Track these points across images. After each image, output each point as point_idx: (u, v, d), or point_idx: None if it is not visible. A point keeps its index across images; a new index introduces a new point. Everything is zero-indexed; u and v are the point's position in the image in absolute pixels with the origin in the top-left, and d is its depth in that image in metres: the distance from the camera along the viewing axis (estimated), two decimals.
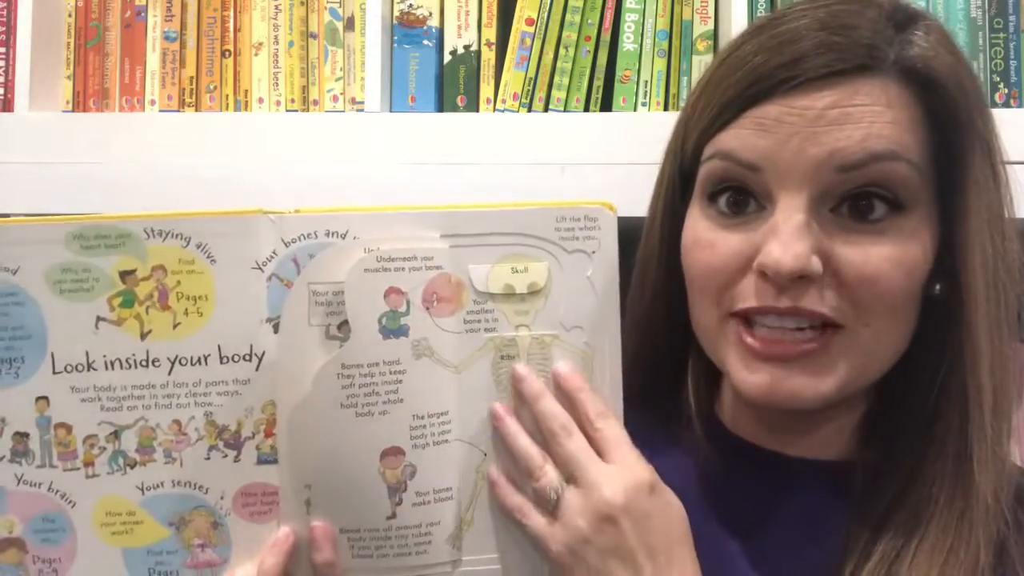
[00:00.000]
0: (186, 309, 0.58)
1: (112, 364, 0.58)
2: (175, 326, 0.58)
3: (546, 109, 0.99)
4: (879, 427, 0.60)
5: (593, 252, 0.58)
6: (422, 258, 0.57)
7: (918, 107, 0.54)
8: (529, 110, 0.99)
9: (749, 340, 0.55)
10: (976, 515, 0.53)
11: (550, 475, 0.55)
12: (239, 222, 0.58)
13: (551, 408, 0.57)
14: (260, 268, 0.58)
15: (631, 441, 0.56)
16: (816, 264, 0.52)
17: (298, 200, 0.94)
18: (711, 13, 0.99)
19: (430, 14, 1.02)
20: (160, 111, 1.05)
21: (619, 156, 0.93)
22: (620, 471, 0.54)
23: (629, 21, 0.99)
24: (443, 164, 0.96)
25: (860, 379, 0.56)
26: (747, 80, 0.55)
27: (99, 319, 0.58)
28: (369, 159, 0.97)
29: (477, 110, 1.01)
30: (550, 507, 0.55)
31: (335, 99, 1.04)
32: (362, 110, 1.01)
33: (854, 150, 0.52)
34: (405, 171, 0.96)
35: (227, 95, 1.06)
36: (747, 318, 0.56)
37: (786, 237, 0.52)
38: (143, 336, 0.58)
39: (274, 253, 0.58)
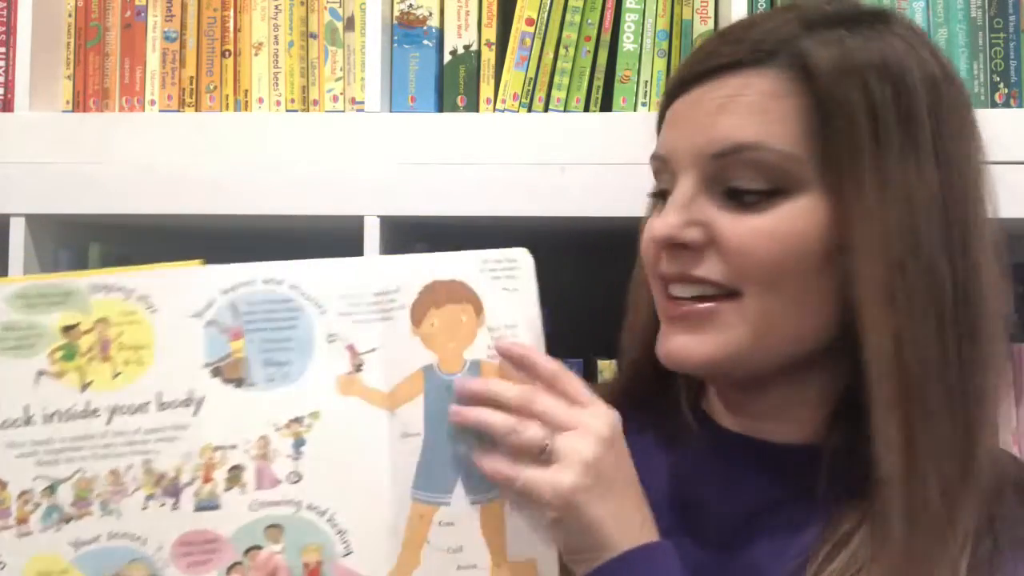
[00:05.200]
0: (126, 359, 0.58)
1: (51, 417, 0.58)
2: (115, 376, 0.58)
3: (546, 109, 0.99)
4: (846, 411, 0.62)
5: (515, 289, 0.62)
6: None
7: (805, 97, 0.58)
8: (529, 110, 0.99)
9: (665, 303, 0.62)
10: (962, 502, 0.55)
11: (533, 427, 0.56)
12: (179, 273, 0.59)
13: (504, 385, 0.58)
14: (199, 316, 0.59)
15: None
16: (691, 233, 0.59)
17: (298, 200, 0.96)
18: (711, 13, 0.99)
19: (430, 14, 1.02)
20: (160, 111, 1.05)
21: (619, 156, 0.93)
22: (601, 412, 0.58)
23: (629, 21, 0.99)
24: (443, 164, 0.96)
25: (759, 349, 0.59)
26: (668, 87, 0.65)
27: (40, 373, 0.58)
28: (369, 159, 0.97)
29: (477, 110, 1.01)
30: (542, 456, 0.55)
31: (335, 99, 1.04)
32: (362, 110, 1.01)
33: (721, 139, 0.59)
34: (405, 171, 0.96)
35: (227, 95, 1.06)
36: (664, 290, 0.62)
37: (667, 210, 0.61)
38: (83, 387, 0.58)
39: (212, 301, 0.59)
